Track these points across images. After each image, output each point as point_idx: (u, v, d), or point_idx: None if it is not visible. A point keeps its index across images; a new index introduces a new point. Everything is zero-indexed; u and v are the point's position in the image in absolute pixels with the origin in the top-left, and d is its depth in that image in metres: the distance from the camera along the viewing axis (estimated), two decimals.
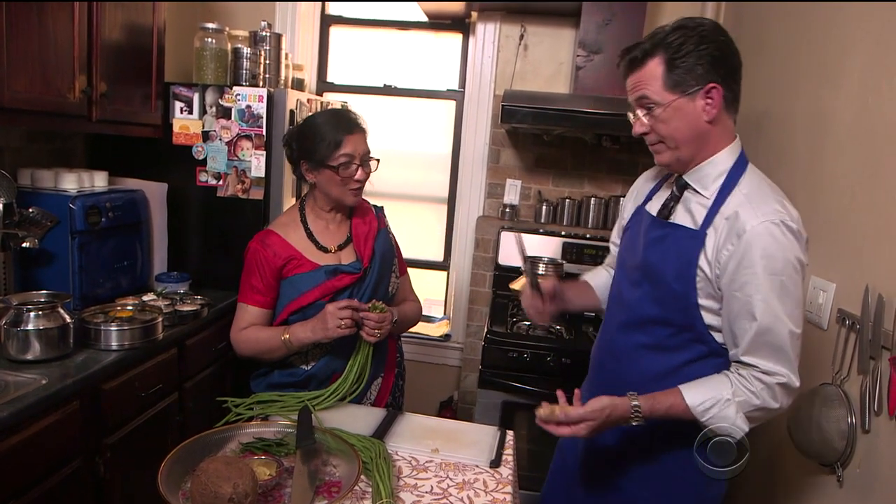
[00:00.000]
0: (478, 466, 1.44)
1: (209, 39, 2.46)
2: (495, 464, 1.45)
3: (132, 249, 2.26)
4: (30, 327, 1.63)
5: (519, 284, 2.78)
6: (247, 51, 2.47)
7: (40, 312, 1.65)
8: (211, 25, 2.46)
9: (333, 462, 1.33)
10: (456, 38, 3.27)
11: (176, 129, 2.44)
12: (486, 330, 2.61)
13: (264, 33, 2.57)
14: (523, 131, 2.99)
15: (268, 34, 2.58)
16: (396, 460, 1.43)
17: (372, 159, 1.73)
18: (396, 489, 1.31)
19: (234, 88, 2.39)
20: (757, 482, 1.98)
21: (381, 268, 1.80)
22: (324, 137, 1.66)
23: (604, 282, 1.70)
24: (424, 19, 3.20)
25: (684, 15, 1.36)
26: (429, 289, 3.38)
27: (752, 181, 1.32)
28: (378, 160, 1.74)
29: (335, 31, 3.36)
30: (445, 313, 3.42)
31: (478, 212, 3.17)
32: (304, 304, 1.70)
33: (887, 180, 1.48)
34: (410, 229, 3.22)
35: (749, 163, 1.36)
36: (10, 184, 1.85)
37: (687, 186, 1.38)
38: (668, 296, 1.36)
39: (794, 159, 1.95)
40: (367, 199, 1.87)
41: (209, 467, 1.09)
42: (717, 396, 1.27)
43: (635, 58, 1.31)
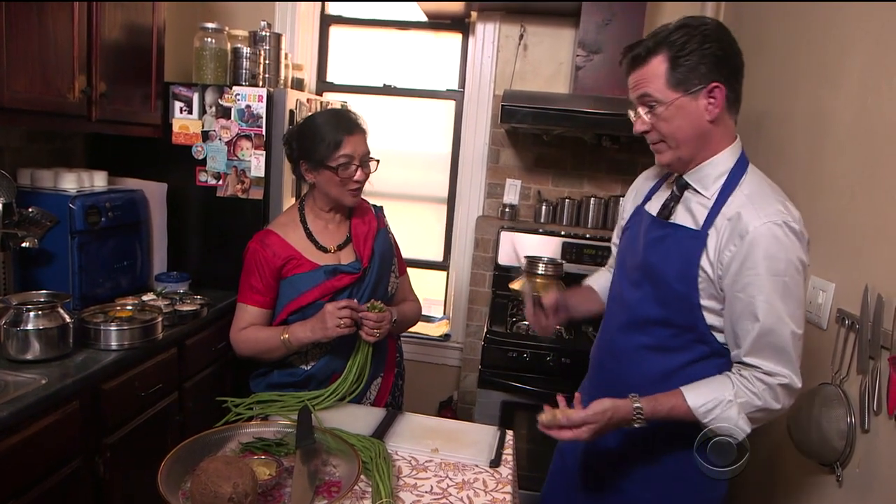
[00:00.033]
0: (477, 466, 1.44)
1: (209, 39, 2.46)
2: (495, 463, 1.45)
3: (132, 249, 2.26)
4: (29, 327, 1.63)
5: (518, 284, 2.78)
6: (246, 51, 2.47)
7: (40, 312, 1.65)
8: (211, 25, 2.46)
9: (333, 462, 1.33)
10: (455, 38, 3.27)
11: (175, 128, 2.44)
12: (485, 330, 2.61)
13: (264, 33, 2.57)
14: (523, 131, 2.98)
15: (267, 34, 2.58)
16: (396, 460, 1.43)
17: (371, 160, 1.72)
18: (396, 489, 1.31)
19: (234, 88, 2.39)
20: (756, 482, 1.98)
21: (380, 268, 1.80)
22: (323, 138, 1.66)
23: (607, 284, 1.69)
24: (424, 19, 3.20)
25: (684, 15, 1.35)
26: (428, 289, 3.37)
27: (753, 182, 1.32)
28: (378, 161, 1.74)
29: (335, 31, 3.36)
30: (445, 313, 3.42)
31: (477, 212, 3.17)
32: (304, 304, 1.70)
33: (887, 180, 1.48)
34: (410, 229, 3.22)
35: (749, 163, 1.35)
36: (10, 183, 1.85)
37: (687, 186, 1.38)
38: (669, 296, 1.35)
39: (793, 159, 1.95)
40: (367, 198, 1.87)
41: (209, 467, 1.09)
42: (718, 398, 1.27)
43: (638, 55, 1.30)
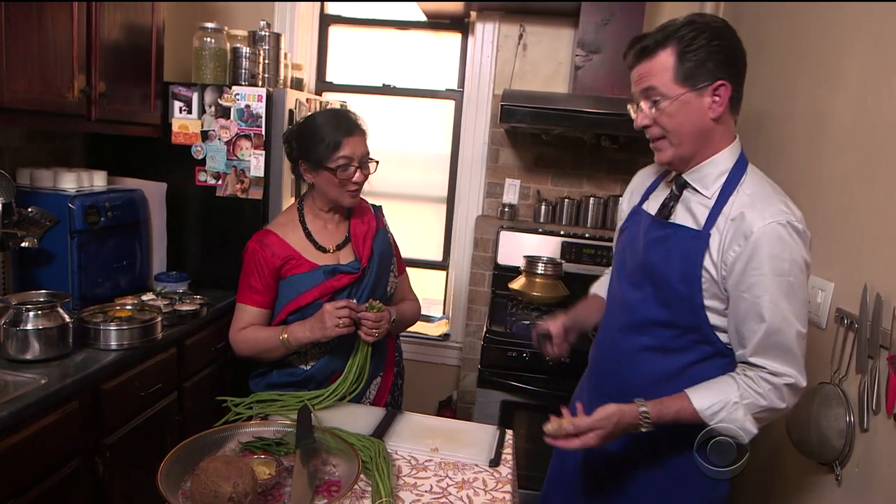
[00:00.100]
0: (477, 465, 1.44)
1: (208, 39, 2.45)
2: (495, 463, 1.45)
3: (131, 249, 2.26)
4: (29, 327, 1.63)
5: (518, 284, 2.79)
6: (246, 50, 2.47)
7: (39, 312, 1.65)
8: (210, 25, 2.45)
9: (333, 461, 1.33)
10: (455, 37, 3.26)
11: (175, 128, 2.43)
12: (485, 329, 2.61)
13: (263, 33, 2.57)
14: (522, 131, 2.98)
15: (267, 34, 2.58)
16: (396, 459, 1.44)
17: (371, 161, 1.72)
18: (396, 488, 1.32)
19: (234, 88, 2.39)
20: (756, 481, 1.99)
21: (379, 267, 1.80)
22: (323, 138, 1.66)
23: None
24: (423, 19, 3.20)
25: (683, 14, 1.35)
26: (428, 288, 3.37)
27: (754, 181, 1.31)
28: (377, 162, 1.74)
29: (334, 31, 3.35)
30: (444, 313, 3.42)
31: (477, 211, 3.17)
32: (303, 304, 1.70)
33: (886, 180, 1.48)
34: (409, 229, 3.22)
35: (749, 163, 1.35)
36: (10, 183, 1.84)
37: (687, 185, 1.37)
38: (672, 297, 1.34)
39: (793, 159, 1.95)
40: (366, 198, 1.87)
41: (209, 467, 1.09)
42: (724, 399, 1.26)
43: (646, 47, 1.29)
